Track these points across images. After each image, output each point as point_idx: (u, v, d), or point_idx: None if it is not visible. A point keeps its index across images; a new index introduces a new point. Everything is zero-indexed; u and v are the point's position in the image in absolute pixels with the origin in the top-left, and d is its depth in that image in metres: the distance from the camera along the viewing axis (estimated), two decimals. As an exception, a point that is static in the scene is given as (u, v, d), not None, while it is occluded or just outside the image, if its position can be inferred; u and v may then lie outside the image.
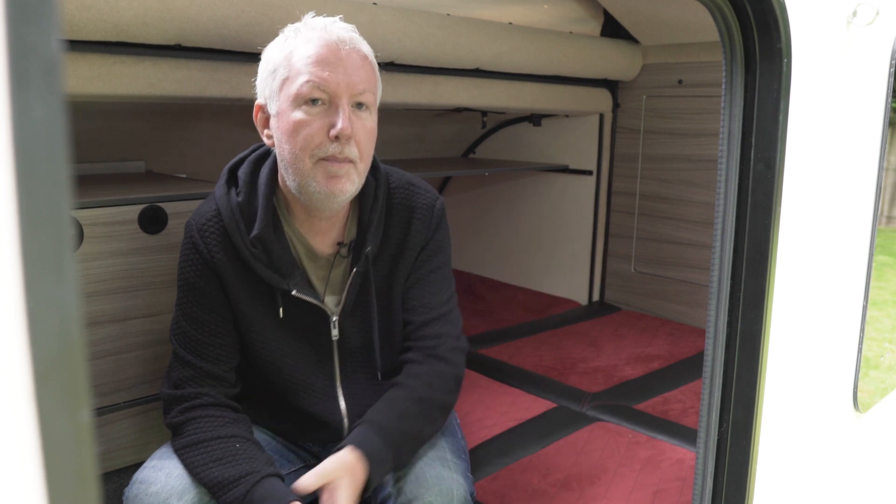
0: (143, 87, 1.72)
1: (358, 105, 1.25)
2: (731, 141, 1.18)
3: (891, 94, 1.44)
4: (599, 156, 3.30)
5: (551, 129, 3.44)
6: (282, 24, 1.81)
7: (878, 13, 1.27)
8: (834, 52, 1.27)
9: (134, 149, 2.44)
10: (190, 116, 2.45)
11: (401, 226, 1.41)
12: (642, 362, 2.70)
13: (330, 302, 1.40)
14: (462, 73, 2.47)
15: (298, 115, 1.22)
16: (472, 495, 1.38)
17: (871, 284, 1.51)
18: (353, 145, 1.23)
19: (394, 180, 1.43)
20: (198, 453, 1.28)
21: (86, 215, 1.69)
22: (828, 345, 1.42)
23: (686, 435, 2.06)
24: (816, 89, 1.23)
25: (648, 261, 3.26)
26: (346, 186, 1.25)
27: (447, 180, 3.93)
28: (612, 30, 3.05)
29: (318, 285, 1.40)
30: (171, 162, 2.53)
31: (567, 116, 3.35)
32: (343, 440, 1.30)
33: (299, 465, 1.49)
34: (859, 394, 1.55)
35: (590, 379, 2.53)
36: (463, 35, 2.33)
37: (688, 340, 2.93)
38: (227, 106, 2.32)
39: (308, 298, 1.34)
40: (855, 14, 1.27)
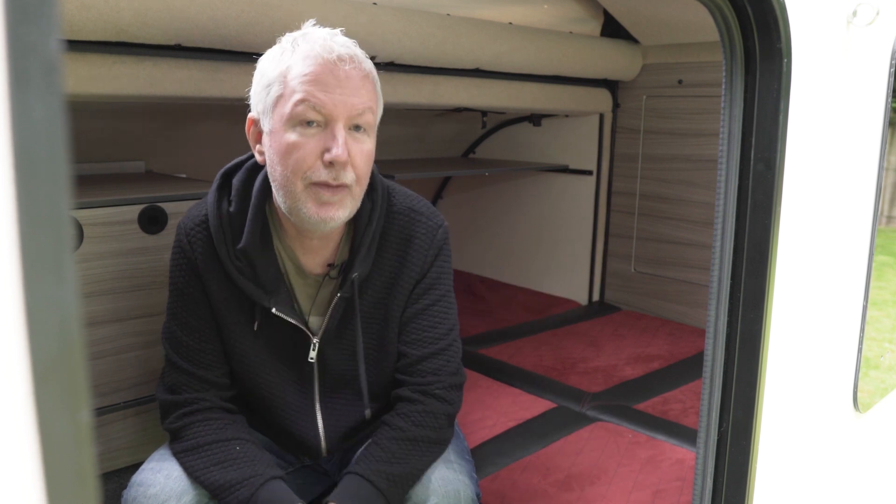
0: (143, 87, 1.72)
1: (356, 127, 1.19)
2: (731, 141, 1.18)
3: (891, 94, 1.44)
4: (599, 156, 3.30)
5: (551, 129, 3.44)
6: (281, 24, 1.82)
7: (878, 13, 1.27)
8: (834, 52, 1.27)
9: (134, 149, 2.44)
10: (190, 116, 2.45)
11: (396, 253, 1.34)
12: (642, 362, 2.70)
13: (314, 323, 1.35)
14: (462, 73, 2.47)
15: (292, 137, 1.16)
16: (478, 496, 1.36)
17: (871, 284, 1.51)
18: (348, 170, 1.17)
19: (396, 203, 1.36)
20: (198, 457, 1.26)
21: (86, 215, 1.69)
22: (828, 345, 1.42)
23: (686, 435, 2.06)
24: (816, 89, 1.23)
25: (648, 261, 3.26)
26: (339, 214, 1.20)
27: (447, 180, 3.93)
28: (612, 30, 3.05)
29: (305, 304, 1.35)
30: (171, 162, 2.53)
31: (567, 116, 3.35)
32: (321, 472, 1.26)
33: (297, 466, 1.49)
34: (859, 394, 1.55)
35: (590, 379, 2.53)
36: (463, 35, 2.33)
37: (688, 340, 2.93)
38: (227, 106, 2.32)
39: (289, 319, 1.29)
40: (855, 14, 1.27)
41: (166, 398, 1.33)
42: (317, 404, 1.39)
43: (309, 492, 1.46)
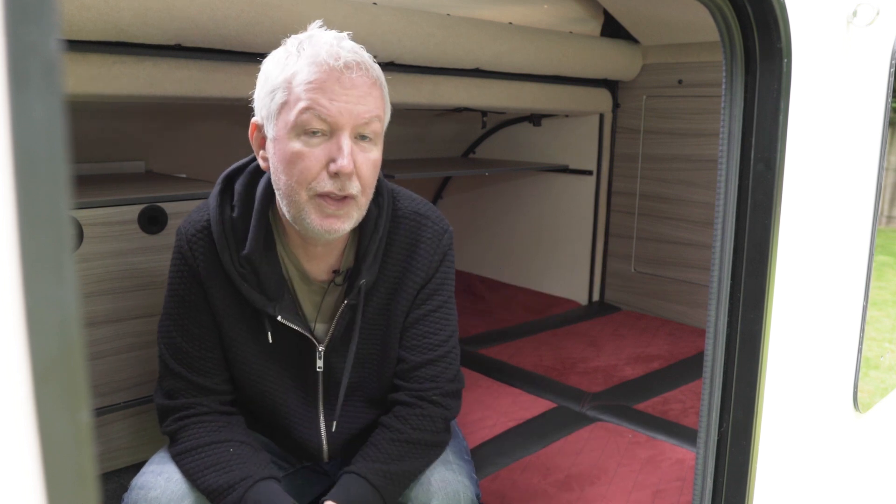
0: (143, 87, 1.72)
1: (362, 136, 1.16)
2: (731, 141, 1.18)
3: (891, 94, 1.44)
4: (599, 156, 3.30)
5: (551, 129, 3.44)
6: (281, 24, 1.82)
7: (878, 13, 1.27)
8: (834, 52, 1.27)
9: (134, 149, 2.44)
10: (190, 116, 2.45)
11: (402, 258, 1.32)
12: (642, 362, 2.70)
13: (320, 330, 1.33)
14: (462, 73, 2.47)
15: (296, 146, 1.13)
16: (478, 497, 1.36)
17: (871, 284, 1.51)
18: (354, 180, 1.15)
19: (401, 208, 1.34)
20: (192, 460, 1.26)
21: (86, 215, 1.69)
22: (828, 345, 1.42)
23: (686, 435, 2.06)
24: (816, 89, 1.23)
25: (648, 261, 3.26)
26: (343, 226, 1.18)
27: (447, 180, 3.93)
28: (612, 30, 3.05)
29: (310, 311, 1.33)
30: (171, 162, 2.53)
31: (567, 116, 3.35)
32: (321, 472, 1.26)
33: (297, 467, 1.49)
34: (859, 394, 1.55)
35: (590, 379, 2.53)
36: (463, 35, 2.33)
37: (688, 340, 2.93)
38: (227, 106, 2.32)
39: (294, 326, 1.27)
40: (855, 14, 1.27)
41: (164, 403, 1.32)
42: (320, 411, 1.38)
43: (308, 492, 1.46)
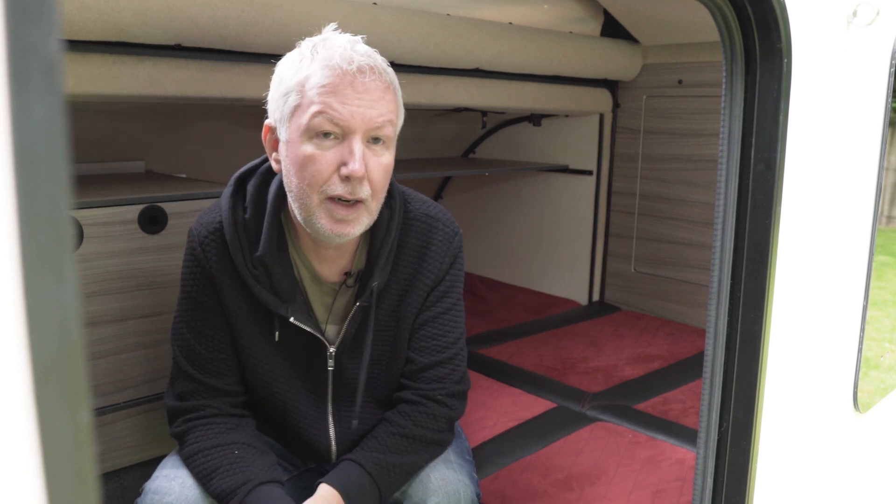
0: (143, 87, 1.72)
1: (374, 139, 1.17)
2: (731, 141, 1.18)
3: (891, 94, 1.44)
4: (599, 156, 3.30)
5: (551, 129, 3.44)
6: (281, 24, 1.82)
7: (878, 13, 1.27)
8: (834, 52, 1.27)
9: (134, 149, 2.44)
10: (190, 116, 2.45)
11: (413, 260, 1.33)
12: (642, 362, 2.70)
13: (331, 331, 1.34)
14: (462, 73, 2.47)
15: (308, 150, 1.14)
16: (479, 496, 1.36)
17: (871, 284, 1.51)
18: (365, 184, 1.15)
19: (412, 210, 1.35)
20: (199, 462, 1.26)
21: (86, 215, 1.69)
22: (828, 345, 1.42)
23: (686, 435, 2.06)
24: (816, 89, 1.23)
25: (648, 261, 3.26)
26: (353, 230, 1.18)
27: (447, 180, 3.93)
28: (612, 30, 3.05)
29: (321, 313, 1.33)
30: (171, 162, 2.53)
31: (567, 116, 3.35)
32: (326, 474, 1.27)
33: (301, 469, 1.49)
34: (859, 394, 1.55)
35: (590, 379, 2.53)
36: (463, 35, 2.33)
37: (688, 340, 2.93)
38: (227, 106, 2.32)
39: (306, 328, 1.28)
40: (855, 14, 1.27)
41: (174, 405, 1.32)
42: (329, 412, 1.38)
43: (312, 493, 1.46)
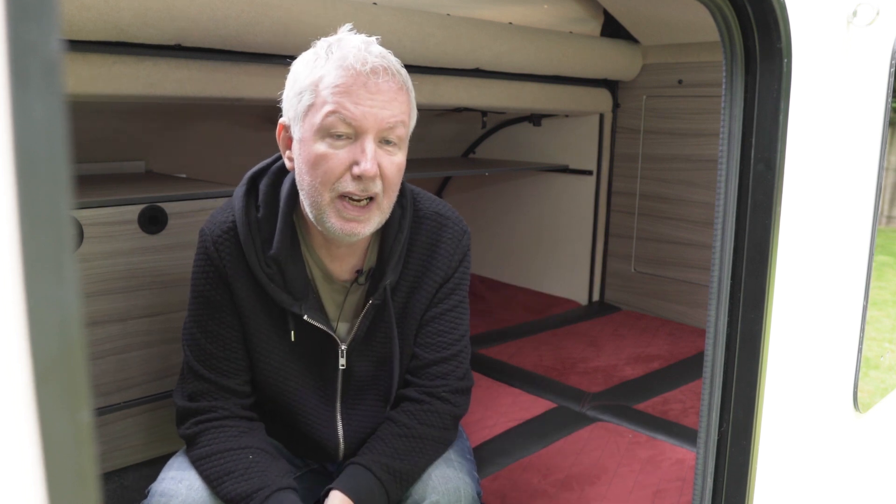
0: (143, 87, 1.72)
1: (386, 140, 1.18)
2: (731, 141, 1.18)
3: (891, 94, 1.44)
4: (599, 156, 3.30)
5: (551, 129, 3.44)
6: (281, 24, 1.82)
7: (878, 13, 1.27)
8: (834, 52, 1.27)
9: (134, 149, 2.44)
10: (190, 116, 2.45)
11: (423, 258, 1.35)
12: (642, 362, 2.70)
13: (342, 329, 1.35)
14: (462, 73, 2.47)
15: (321, 149, 1.15)
16: (479, 495, 1.37)
17: (871, 284, 1.51)
18: (377, 181, 1.17)
19: (422, 208, 1.37)
20: (211, 465, 1.26)
21: (86, 215, 1.69)
22: (828, 345, 1.42)
23: (686, 435, 2.06)
24: (816, 89, 1.23)
25: (648, 261, 3.26)
26: (364, 229, 1.20)
27: (447, 180, 3.93)
28: (612, 30, 3.05)
29: (332, 310, 1.34)
30: (171, 162, 2.53)
31: (567, 116, 3.35)
32: (329, 474, 1.28)
33: (304, 470, 1.49)
34: (859, 394, 1.55)
35: (590, 379, 2.53)
36: (463, 35, 2.33)
37: (688, 340, 2.93)
38: (227, 106, 2.31)
39: (319, 325, 1.29)
40: (855, 14, 1.27)
41: (185, 405, 1.32)
42: (338, 410, 1.39)
43: (315, 494, 1.47)
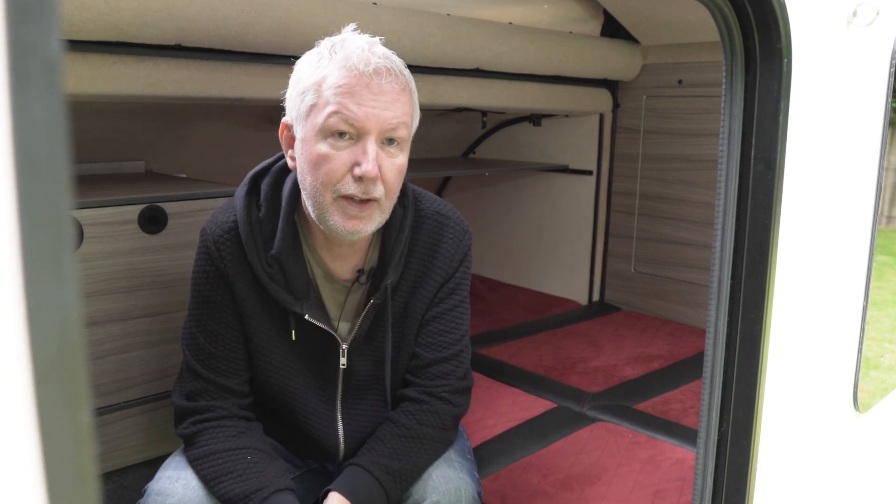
0: (143, 87, 1.72)
1: (388, 141, 1.18)
2: (731, 141, 1.18)
3: (891, 94, 1.44)
4: (599, 156, 3.30)
5: (551, 129, 3.44)
6: (281, 24, 1.82)
7: (878, 13, 1.27)
8: (834, 52, 1.27)
9: (134, 149, 2.44)
10: (190, 116, 2.45)
11: (424, 257, 1.35)
12: (642, 362, 2.70)
13: (343, 328, 1.35)
14: (462, 73, 2.47)
15: (323, 149, 1.15)
16: (480, 495, 1.36)
17: (871, 284, 1.51)
18: (378, 184, 1.17)
19: (423, 208, 1.37)
20: (209, 465, 1.26)
21: (86, 215, 1.69)
22: (828, 345, 1.42)
23: (686, 435, 2.06)
24: (816, 89, 1.23)
25: (648, 261, 3.26)
26: (366, 227, 1.20)
27: (447, 180, 3.93)
28: (612, 30, 3.05)
29: (333, 310, 1.34)
30: (171, 162, 2.53)
31: (567, 116, 3.35)
32: (328, 474, 1.27)
33: (303, 470, 1.49)
34: (859, 394, 1.55)
35: (590, 379, 2.53)
36: (463, 35, 2.33)
37: (688, 340, 2.93)
38: (227, 106, 2.31)
39: (321, 325, 1.29)
40: (855, 14, 1.27)
41: (183, 405, 1.32)
42: (338, 409, 1.39)
43: (315, 494, 1.47)
